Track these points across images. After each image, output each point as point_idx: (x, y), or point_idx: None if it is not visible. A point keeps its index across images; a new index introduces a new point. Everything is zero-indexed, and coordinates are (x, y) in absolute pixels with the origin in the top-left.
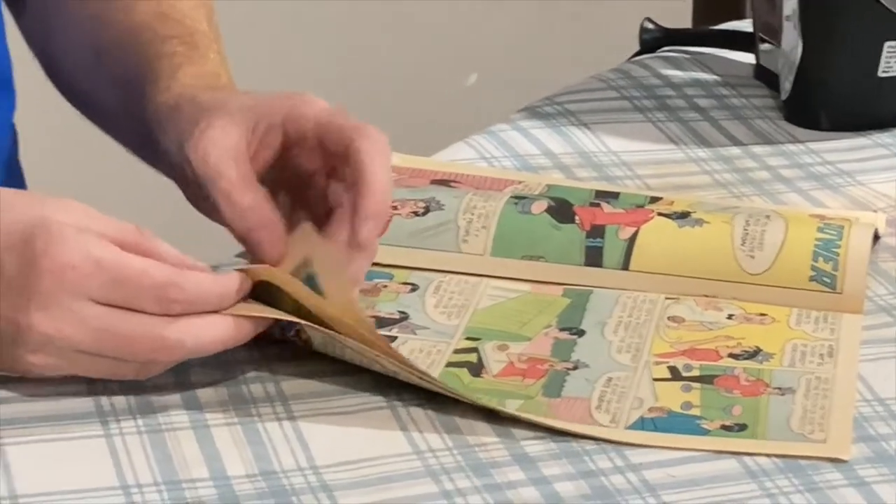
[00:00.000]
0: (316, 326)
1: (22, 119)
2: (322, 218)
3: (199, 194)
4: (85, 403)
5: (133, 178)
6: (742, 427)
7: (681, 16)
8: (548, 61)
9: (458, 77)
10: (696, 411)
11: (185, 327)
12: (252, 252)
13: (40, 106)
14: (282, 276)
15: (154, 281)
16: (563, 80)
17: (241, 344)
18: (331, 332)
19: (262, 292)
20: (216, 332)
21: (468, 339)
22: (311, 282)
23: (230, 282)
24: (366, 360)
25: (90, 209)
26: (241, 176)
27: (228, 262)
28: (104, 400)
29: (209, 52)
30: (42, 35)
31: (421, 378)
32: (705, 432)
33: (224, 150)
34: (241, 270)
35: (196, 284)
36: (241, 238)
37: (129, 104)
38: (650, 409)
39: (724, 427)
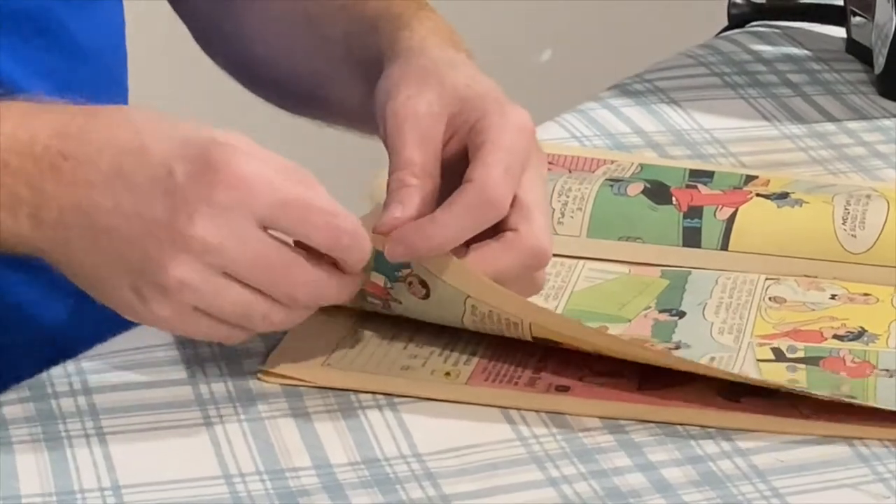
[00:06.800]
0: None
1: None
2: None
3: None
4: (184, 391)
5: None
6: (851, 399)
7: None
8: (627, 38)
9: (531, 53)
10: (802, 386)
11: (331, 272)
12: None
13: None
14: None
15: (323, 207)
16: (644, 56)
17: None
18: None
19: None
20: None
21: None
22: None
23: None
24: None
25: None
26: (422, 157)
27: None
28: (203, 388)
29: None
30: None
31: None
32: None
33: (418, 129)
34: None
35: (354, 223)
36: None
37: (351, 55)
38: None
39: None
